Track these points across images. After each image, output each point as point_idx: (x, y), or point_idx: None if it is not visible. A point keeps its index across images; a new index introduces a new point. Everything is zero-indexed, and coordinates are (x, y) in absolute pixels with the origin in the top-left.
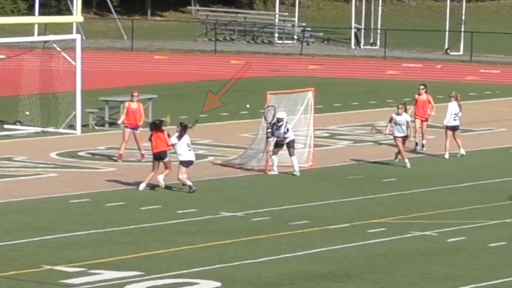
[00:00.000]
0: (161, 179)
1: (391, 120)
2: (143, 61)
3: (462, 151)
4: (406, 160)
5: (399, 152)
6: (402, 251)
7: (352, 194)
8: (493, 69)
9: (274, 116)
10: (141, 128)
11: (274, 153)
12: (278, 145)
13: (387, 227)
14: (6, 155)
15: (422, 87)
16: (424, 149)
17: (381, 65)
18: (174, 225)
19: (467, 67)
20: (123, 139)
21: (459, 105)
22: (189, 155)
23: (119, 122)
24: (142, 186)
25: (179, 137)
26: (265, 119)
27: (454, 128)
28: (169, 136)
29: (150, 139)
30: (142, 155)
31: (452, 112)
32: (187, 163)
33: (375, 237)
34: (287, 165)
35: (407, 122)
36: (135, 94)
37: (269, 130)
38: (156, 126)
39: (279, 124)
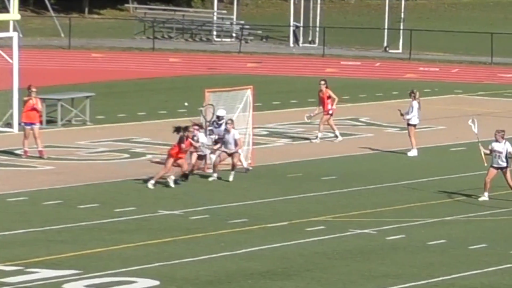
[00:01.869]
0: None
1: None
2: (80, 59)
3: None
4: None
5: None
6: (341, 249)
7: (291, 192)
8: (432, 67)
9: (213, 114)
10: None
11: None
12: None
13: (326, 225)
14: None
15: (322, 82)
16: (339, 139)
17: (320, 63)
18: (112, 224)
19: (406, 65)
20: (25, 136)
21: (419, 103)
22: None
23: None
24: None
25: (210, 132)
26: (204, 118)
27: (414, 126)
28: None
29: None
30: (41, 151)
31: (416, 110)
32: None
33: (314, 235)
34: (226, 163)
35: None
36: (34, 89)
37: (210, 128)
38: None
39: (219, 122)
